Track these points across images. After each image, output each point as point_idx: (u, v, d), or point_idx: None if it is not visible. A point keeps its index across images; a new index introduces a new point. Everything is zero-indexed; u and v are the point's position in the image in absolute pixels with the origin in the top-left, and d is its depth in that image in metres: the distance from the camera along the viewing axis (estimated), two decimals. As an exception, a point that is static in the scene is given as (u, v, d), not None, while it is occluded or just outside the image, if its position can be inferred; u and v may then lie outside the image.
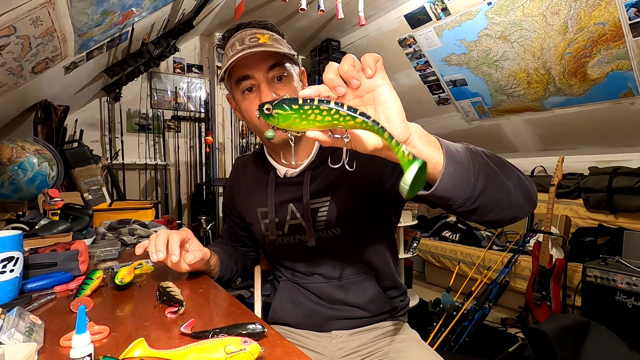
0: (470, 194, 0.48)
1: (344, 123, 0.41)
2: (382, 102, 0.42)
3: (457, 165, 0.47)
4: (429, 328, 1.99)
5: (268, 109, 0.42)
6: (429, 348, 0.81)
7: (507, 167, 0.55)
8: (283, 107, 0.41)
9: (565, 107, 2.55)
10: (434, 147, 0.47)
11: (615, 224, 2.26)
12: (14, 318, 0.49)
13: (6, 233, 0.66)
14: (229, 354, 0.42)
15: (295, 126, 0.42)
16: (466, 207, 0.49)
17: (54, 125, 2.12)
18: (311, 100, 0.41)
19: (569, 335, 1.48)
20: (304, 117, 0.41)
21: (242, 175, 0.94)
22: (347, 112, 0.40)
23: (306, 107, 0.41)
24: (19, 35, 1.26)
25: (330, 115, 0.40)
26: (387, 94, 0.42)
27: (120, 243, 1.13)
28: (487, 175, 0.49)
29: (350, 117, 0.40)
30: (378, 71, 0.42)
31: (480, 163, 0.49)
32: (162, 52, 2.70)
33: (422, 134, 0.46)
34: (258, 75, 0.73)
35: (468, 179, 0.48)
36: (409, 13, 2.69)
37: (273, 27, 0.79)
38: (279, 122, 0.42)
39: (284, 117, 0.42)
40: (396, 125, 0.42)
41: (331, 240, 0.80)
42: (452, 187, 0.47)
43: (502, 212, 0.53)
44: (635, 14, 1.92)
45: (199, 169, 3.25)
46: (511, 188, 0.53)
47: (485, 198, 0.50)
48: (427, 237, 3.13)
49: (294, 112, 0.41)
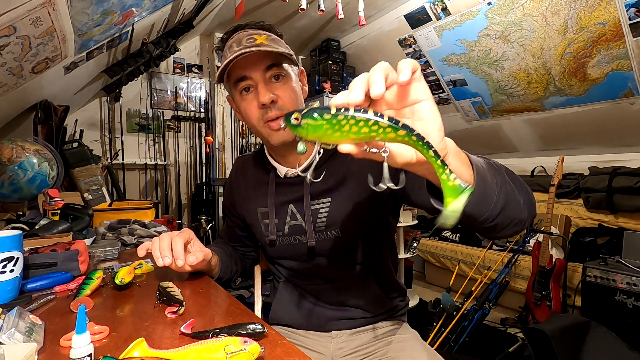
0: (491, 212, 0.47)
1: (383, 135, 0.36)
2: (422, 117, 0.38)
3: (484, 184, 0.45)
4: (429, 328, 1.99)
5: (297, 119, 0.37)
6: (429, 348, 0.81)
7: (518, 182, 0.54)
8: (313, 116, 0.36)
9: (565, 107, 2.55)
10: (465, 164, 0.44)
11: (615, 224, 2.26)
12: (14, 318, 0.49)
13: (6, 233, 0.66)
14: (229, 354, 0.42)
15: (327, 138, 0.37)
16: (485, 225, 0.49)
17: (54, 125, 2.12)
18: (345, 109, 0.35)
19: (569, 335, 1.48)
20: (337, 128, 0.36)
21: (242, 176, 0.93)
22: (388, 123, 0.35)
23: (340, 116, 0.35)
24: (19, 35, 1.26)
25: (368, 127, 0.35)
26: (430, 109, 0.38)
27: (120, 243, 1.13)
28: (507, 194, 0.49)
29: (392, 128, 0.35)
30: (421, 82, 0.38)
31: (502, 182, 0.49)
32: (162, 52, 2.69)
33: (456, 150, 0.43)
34: (255, 75, 0.73)
35: (491, 198, 0.47)
36: (409, 13, 2.69)
37: (271, 27, 0.79)
38: (308, 134, 0.37)
39: (314, 127, 0.37)
40: (436, 142, 0.38)
41: (331, 241, 0.80)
42: (478, 206, 0.46)
43: (513, 228, 0.53)
44: (635, 14, 1.92)
45: (199, 169, 3.25)
46: (522, 205, 0.53)
47: (502, 216, 0.49)
48: (427, 237, 3.13)
49: (326, 122, 0.36)
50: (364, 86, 0.35)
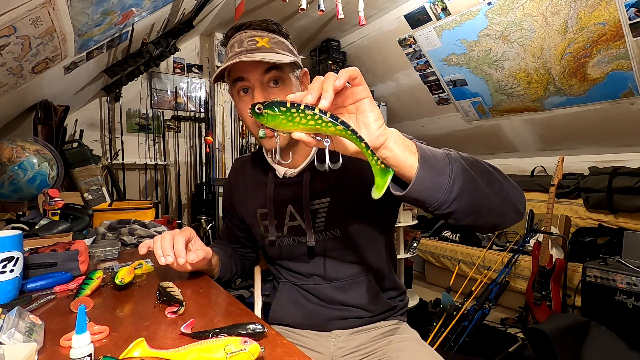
0: (445, 197, 0.50)
1: (326, 129, 0.44)
2: (362, 110, 0.47)
3: (432, 169, 0.49)
4: (429, 328, 1.99)
5: (259, 108, 0.46)
6: (428, 347, 0.81)
7: (490, 174, 0.56)
8: (272, 107, 0.45)
9: (565, 107, 2.55)
10: (409, 151, 0.50)
11: (615, 224, 2.26)
12: (14, 318, 0.49)
13: (6, 233, 0.66)
14: (229, 354, 0.42)
15: (282, 127, 0.46)
16: (442, 211, 0.52)
17: (54, 125, 2.12)
18: (298, 105, 0.44)
19: (569, 335, 1.48)
20: (291, 119, 0.45)
21: (241, 177, 0.93)
22: (329, 119, 0.44)
23: (293, 110, 0.44)
24: (19, 35, 1.26)
25: (314, 120, 0.44)
26: (367, 104, 0.47)
27: (120, 243, 1.13)
28: (464, 181, 0.51)
29: (332, 124, 0.44)
30: (362, 84, 0.46)
31: (458, 169, 0.51)
32: (162, 52, 2.69)
33: (398, 139, 0.50)
34: (253, 78, 0.73)
35: (442, 184, 0.50)
36: (409, 13, 2.69)
37: (276, 28, 0.77)
38: (267, 122, 0.46)
39: (272, 117, 0.45)
40: (373, 130, 0.47)
41: (330, 241, 0.80)
42: (426, 190, 0.50)
43: (481, 218, 0.55)
44: (635, 14, 1.92)
45: (199, 169, 3.25)
46: (490, 195, 0.54)
47: (461, 203, 0.51)
48: (427, 237, 3.13)
49: (282, 114, 0.45)
50: (317, 93, 0.44)
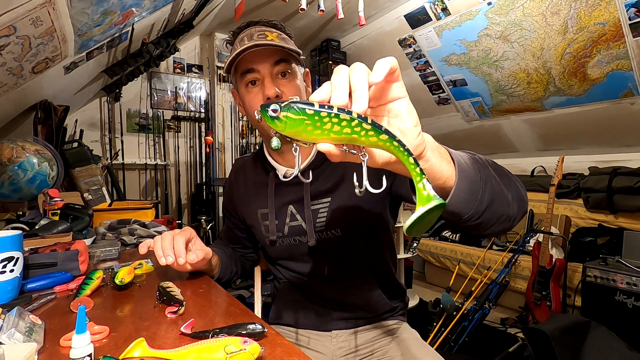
0: (476, 209, 0.46)
1: (365, 138, 0.34)
2: (398, 114, 0.38)
3: (467, 180, 0.44)
4: (429, 328, 1.99)
5: (275, 111, 0.33)
6: (428, 347, 0.81)
7: (507, 178, 0.53)
8: (293, 109, 0.33)
9: (565, 107, 2.54)
10: (446, 160, 0.44)
11: (615, 224, 2.26)
12: (14, 318, 0.49)
13: (6, 233, 0.66)
14: (229, 354, 0.42)
15: (306, 135, 0.34)
16: (471, 223, 0.47)
17: (54, 125, 2.12)
18: (329, 107, 0.33)
19: (569, 335, 1.48)
20: (319, 126, 0.33)
21: (242, 177, 0.93)
22: (371, 126, 0.33)
23: (323, 113, 0.32)
24: (19, 35, 1.26)
25: (351, 127, 0.33)
26: (406, 106, 0.38)
27: (120, 243, 1.13)
28: (493, 190, 0.48)
29: (375, 132, 0.33)
30: (399, 81, 0.38)
31: (487, 177, 0.47)
32: (162, 52, 2.69)
33: (434, 146, 0.43)
34: (262, 69, 0.74)
35: (476, 195, 0.45)
36: (409, 13, 2.69)
37: (282, 27, 0.80)
38: (286, 128, 0.34)
39: (293, 122, 0.33)
40: (411, 138, 0.38)
41: (331, 242, 0.80)
42: (463, 203, 0.44)
43: (500, 225, 0.52)
44: (635, 14, 1.91)
45: (199, 169, 3.25)
46: (511, 202, 0.52)
47: (489, 213, 0.48)
48: (427, 237, 3.13)
49: (308, 118, 0.33)
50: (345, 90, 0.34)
